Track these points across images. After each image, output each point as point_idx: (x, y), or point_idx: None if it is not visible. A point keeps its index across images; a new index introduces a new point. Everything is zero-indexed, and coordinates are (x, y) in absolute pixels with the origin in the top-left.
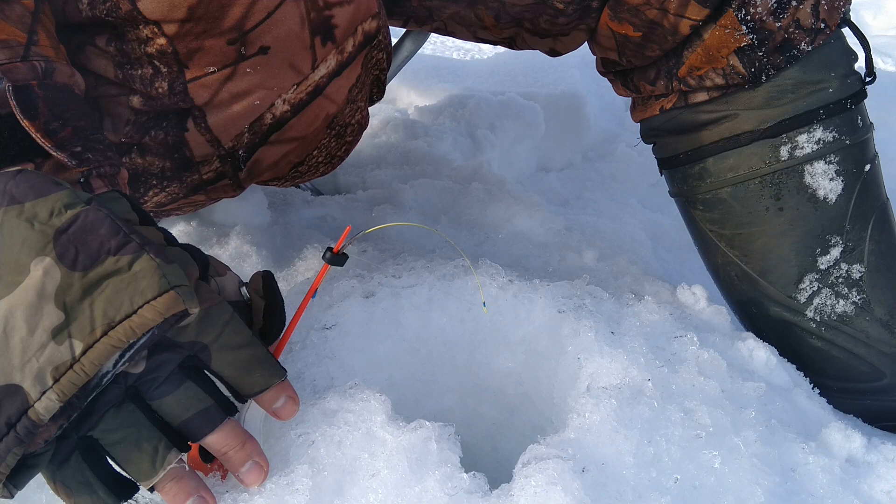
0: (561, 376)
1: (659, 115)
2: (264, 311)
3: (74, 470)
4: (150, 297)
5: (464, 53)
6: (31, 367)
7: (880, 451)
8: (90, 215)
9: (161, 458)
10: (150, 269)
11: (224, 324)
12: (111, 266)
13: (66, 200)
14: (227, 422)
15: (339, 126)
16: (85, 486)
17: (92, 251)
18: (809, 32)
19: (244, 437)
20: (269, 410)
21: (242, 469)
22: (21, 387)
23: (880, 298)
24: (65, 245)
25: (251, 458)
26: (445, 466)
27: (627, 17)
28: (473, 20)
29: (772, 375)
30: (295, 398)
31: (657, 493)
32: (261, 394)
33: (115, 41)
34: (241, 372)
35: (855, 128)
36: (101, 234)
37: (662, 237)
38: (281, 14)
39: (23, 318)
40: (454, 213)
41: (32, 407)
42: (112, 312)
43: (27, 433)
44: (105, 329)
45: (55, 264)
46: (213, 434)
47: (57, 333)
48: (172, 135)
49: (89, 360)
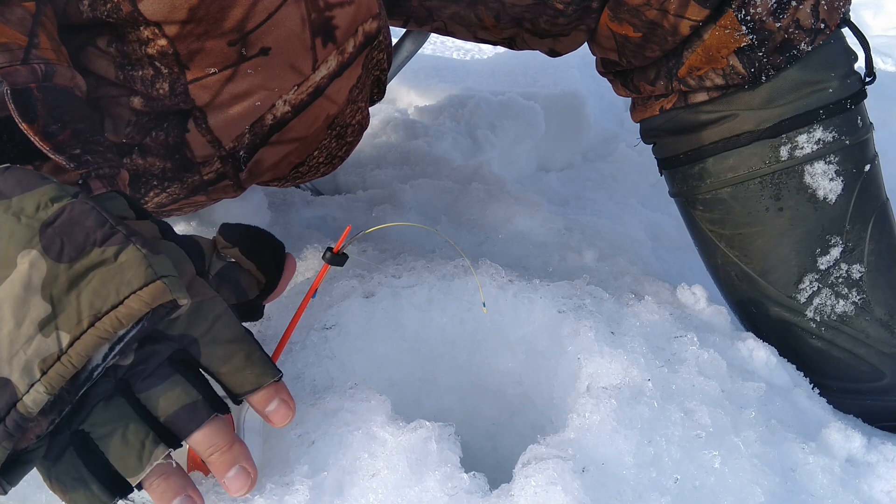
0: (561, 376)
1: (659, 115)
2: (246, 255)
3: (69, 466)
4: (137, 287)
5: (464, 53)
6: (18, 360)
7: (880, 451)
8: (76, 208)
9: (147, 453)
10: (136, 260)
11: (215, 318)
12: (97, 257)
13: (53, 194)
14: (215, 419)
15: (339, 126)
16: (79, 483)
17: (78, 243)
18: (809, 32)
19: (232, 438)
20: (262, 413)
21: (228, 474)
22: (9, 380)
23: (880, 298)
24: (51, 237)
25: (237, 463)
26: (445, 466)
27: (627, 17)
28: (473, 20)
29: (772, 375)
30: (289, 402)
31: (657, 493)
32: (253, 393)
33: (115, 42)
34: (231, 368)
35: (855, 128)
36: (87, 225)
37: (662, 237)
38: (282, 15)
39: (10, 310)
40: (454, 213)
41: (21, 400)
42: (98, 303)
43: (16, 427)
44: (92, 320)
45: (41, 256)
46: (199, 431)
47: (44, 326)
48: (173, 136)
49: (76, 351)
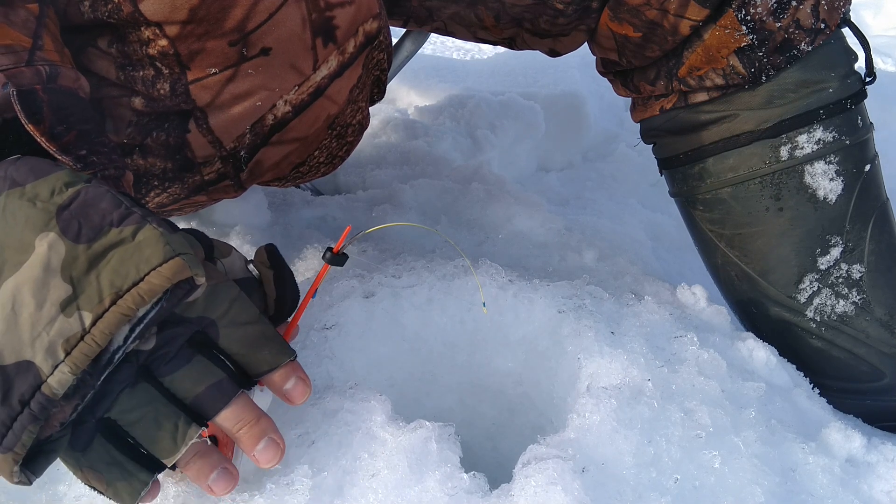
0: (561, 376)
1: (659, 115)
2: (275, 281)
3: (100, 452)
4: (156, 263)
5: (464, 53)
6: (41, 342)
7: (880, 451)
8: (91, 191)
9: (182, 434)
10: (154, 238)
11: (232, 300)
12: (115, 237)
13: (67, 179)
14: (241, 395)
15: (340, 126)
16: (115, 466)
17: (95, 224)
18: (809, 32)
19: (258, 412)
20: (280, 392)
21: (258, 447)
22: (33, 362)
23: (880, 298)
24: (67, 220)
25: (266, 435)
26: (445, 466)
27: (627, 17)
28: (473, 20)
29: (772, 375)
30: (306, 380)
31: (657, 493)
32: (270, 373)
33: (116, 43)
34: (249, 349)
35: (855, 128)
36: (103, 207)
37: (662, 237)
38: (282, 15)
39: (30, 293)
40: (454, 213)
41: (46, 382)
42: (119, 282)
43: (41, 410)
44: (113, 298)
45: (59, 238)
46: (227, 409)
47: (66, 306)
48: (174, 136)
49: (100, 330)
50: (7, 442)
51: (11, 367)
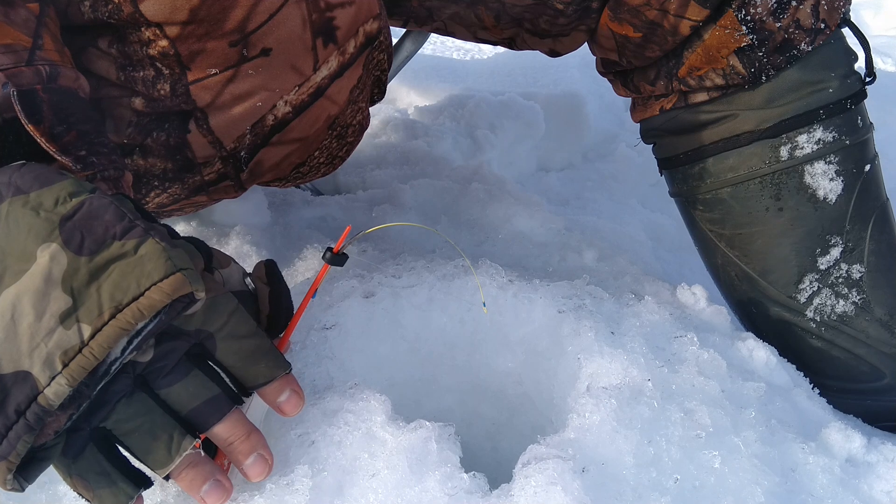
0: (561, 376)
1: (659, 115)
2: (270, 297)
3: (91, 462)
4: (157, 279)
5: (464, 53)
6: (39, 353)
7: (880, 451)
8: (95, 202)
9: (177, 445)
10: (155, 253)
11: (230, 313)
12: (117, 250)
13: (71, 189)
14: (235, 411)
15: (340, 127)
16: (104, 477)
17: (97, 236)
18: (809, 32)
19: (249, 428)
20: (273, 404)
21: (247, 461)
22: (30, 373)
23: (880, 298)
24: (70, 231)
25: (256, 451)
26: (445, 466)
27: (627, 17)
28: (473, 20)
29: (772, 375)
30: (300, 393)
31: (657, 493)
32: (265, 386)
33: (117, 43)
34: (245, 362)
35: (855, 128)
36: (107, 219)
37: (662, 237)
38: (283, 16)
39: (30, 303)
40: (454, 213)
41: (42, 393)
42: (119, 295)
43: (37, 420)
44: (113, 312)
45: (61, 249)
46: (221, 423)
47: (65, 318)
48: (174, 136)
49: (98, 343)
50: (2, 451)
51: (9, 377)
